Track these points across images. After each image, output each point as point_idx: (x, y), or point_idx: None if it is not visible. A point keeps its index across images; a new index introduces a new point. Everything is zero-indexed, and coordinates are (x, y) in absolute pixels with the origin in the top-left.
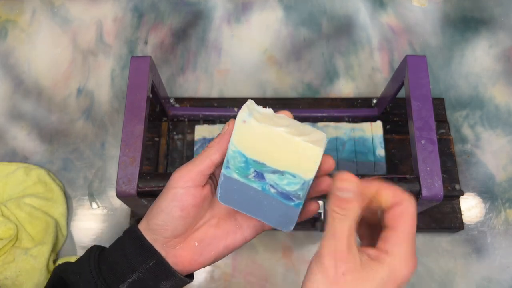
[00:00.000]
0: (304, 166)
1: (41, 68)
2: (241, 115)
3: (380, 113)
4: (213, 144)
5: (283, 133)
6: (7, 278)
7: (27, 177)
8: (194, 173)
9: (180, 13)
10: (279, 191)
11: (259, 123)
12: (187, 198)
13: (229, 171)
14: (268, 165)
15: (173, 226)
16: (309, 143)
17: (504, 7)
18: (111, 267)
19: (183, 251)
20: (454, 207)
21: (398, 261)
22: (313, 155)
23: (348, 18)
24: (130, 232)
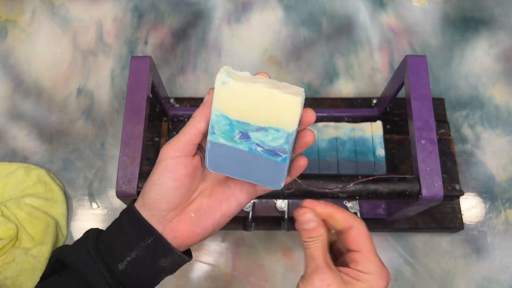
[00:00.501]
0: (286, 119)
1: (41, 68)
2: (219, 77)
3: (380, 113)
4: (197, 113)
5: (261, 88)
6: (7, 278)
7: (27, 177)
8: (182, 143)
9: (180, 13)
10: (265, 149)
11: (238, 82)
12: (179, 168)
13: (214, 136)
14: (252, 123)
15: (168, 197)
16: (287, 94)
17: (504, 7)
18: (109, 246)
19: (180, 224)
20: (454, 207)
21: (373, 277)
22: (293, 106)
23: (348, 18)
24: (127, 211)
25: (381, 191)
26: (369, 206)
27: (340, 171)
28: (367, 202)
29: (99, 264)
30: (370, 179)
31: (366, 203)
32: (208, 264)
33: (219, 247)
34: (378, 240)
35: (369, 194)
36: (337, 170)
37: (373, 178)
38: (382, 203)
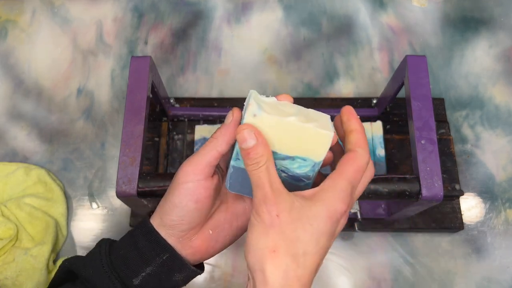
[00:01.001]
0: (315, 150)
1: (41, 68)
2: (250, 110)
3: (380, 113)
4: (219, 135)
5: (294, 122)
6: (7, 278)
7: (27, 177)
8: (203, 166)
9: (180, 13)
10: (290, 175)
11: (269, 115)
12: (200, 191)
13: (239, 162)
14: (279, 152)
15: (189, 219)
16: (320, 129)
17: (504, 7)
18: (123, 261)
19: (198, 241)
20: (454, 207)
21: (332, 197)
22: (324, 140)
23: (348, 18)
24: (142, 226)
25: (381, 191)
26: (369, 206)
27: None
28: (367, 202)
29: (113, 279)
30: None
31: (366, 203)
32: (208, 264)
33: None
34: (378, 240)
35: (369, 194)
36: None
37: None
38: (382, 203)
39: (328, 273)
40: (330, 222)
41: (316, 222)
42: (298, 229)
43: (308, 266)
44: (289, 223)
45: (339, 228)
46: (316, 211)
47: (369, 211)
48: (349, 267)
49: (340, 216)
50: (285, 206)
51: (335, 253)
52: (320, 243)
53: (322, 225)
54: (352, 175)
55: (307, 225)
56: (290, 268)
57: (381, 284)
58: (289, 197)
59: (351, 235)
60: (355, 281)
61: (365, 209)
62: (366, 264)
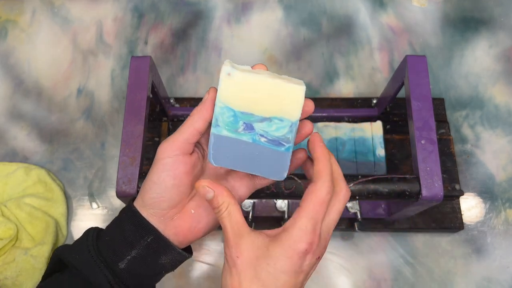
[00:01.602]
0: (290, 108)
1: (41, 68)
2: (224, 69)
3: (380, 113)
4: (195, 112)
5: (267, 78)
6: (7, 278)
7: (27, 177)
8: (180, 142)
9: (180, 13)
10: (269, 139)
11: (243, 73)
12: (178, 166)
13: (218, 129)
14: (256, 114)
15: (168, 196)
16: (292, 84)
17: (504, 7)
18: (109, 245)
19: (181, 221)
20: (454, 207)
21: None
22: (297, 95)
23: (348, 18)
24: (126, 210)
25: (381, 191)
26: (369, 206)
27: None
28: (367, 202)
29: (99, 263)
30: (370, 179)
31: (366, 203)
32: (208, 264)
33: (219, 247)
34: (378, 240)
35: (369, 194)
36: None
37: (373, 178)
38: (382, 203)
39: (328, 273)
40: (290, 261)
41: (273, 261)
42: (257, 268)
43: None
44: (248, 263)
45: (306, 263)
46: (274, 251)
47: (369, 211)
48: (349, 267)
49: (303, 254)
50: (245, 248)
51: (335, 253)
52: (280, 281)
53: (281, 264)
54: (313, 210)
55: (265, 265)
56: None
57: (381, 284)
58: (250, 238)
59: (351, 235)
60: (355, 281)
61: (365, 209)
62: (366, 264)
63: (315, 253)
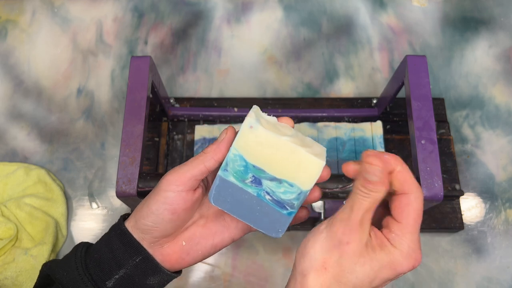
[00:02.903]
0: (304, 177)
1: (41, 68)
2: (248, 121)
3: (380, 113)
4: (209, 151)
5: (288, 142)
6: (7, 278)
7: (27, 177)
8: (187, 178)
9: (180, 13)
10: (274, 199)
11: (266, 130)
12: (178, 202)
13: (226, 173)
14: (268, 172)
15: (163, 227)
16: (312, 155)
17: (504, 7)
18: (98, 263)
19: (170, 250)
20: (454, 207)
21: (399, 253)
22: (315, 168)
23: (348, 18)
24: (117, 228)
25: None
26: None
27: (340, 171)
28: None
29: (87, 281)
30: None
31: None
32: (208, 264)
33: None
34: None
35: None
36: (337, 170)
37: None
38: None
39: None
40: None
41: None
42: (358, 264)
43: None
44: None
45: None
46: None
47: None
48: None
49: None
50: (360, 239)
51: None
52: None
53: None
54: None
55: (368, 266)
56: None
57: None
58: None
59: None
60: None
61: None
62: None
63: None
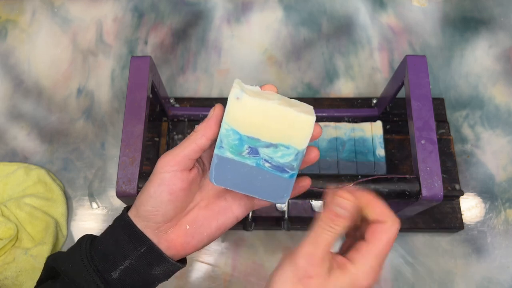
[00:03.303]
0: (297, 137)
1: (41, 68)
2: (234, 92)
3: (380, 113)
4: (199, 129)
5: (276, 105)
6: (7, 278)
7: (27, 177)
8: (180, 158)
9: (180, 13)
10: (274, 165)
11: (253, 98)
12: (175, 182)
13: (222, 150)
14: (262, 139)
15: (163, 210)
16: (302, 113)
17: (504, 7)
18: (103, 255)
19: (175, 235)
20: (454, 207)
21: (360, 272)
22: (306, 125)
23: (348, 18)
24: (121, 219)
25: (381, 191)
26: None
27: (340, 171)
28: None
29: (92, 273)
30: (370, 179)
31: None
32: (208, 264)
33: (219, 247)
34: None
35: None
36: (337, 170)
37: (373, 178)
38: None
39: None
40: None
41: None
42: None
43: None
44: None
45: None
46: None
47: None
48: None
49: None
50: (321, 272)
51: None
52: None
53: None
54: (383, 249)
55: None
56: None
57: (381, 284)
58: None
59: None
60: None
61: None
62: None
63: None
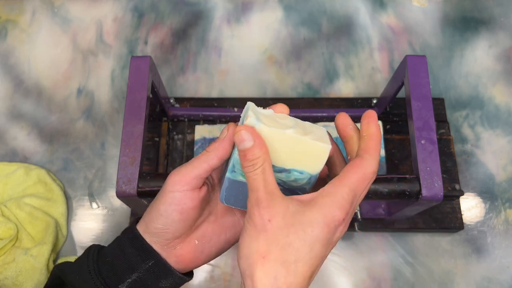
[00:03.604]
0: (312, 163)
1: (41, 68)
2: (249, 121)
3: (380, 113)
4: (212, 149)
5: (292, 134)
6: (7, 278)
7: (27, 177)
8: (191, 177)
9: (180, 13)
10: (286, 188)
11: (268, 128)
12: (186, 202)
13: (234, 174)
14: (276, 166)
15: (174, 229)
16: (318, 142)
17: (504, 7)
18: (110, 267)
19: (184, 251)
20: (454, 207)
21: (331, 203)
22: (322, 152)
23: (348, 18)
24: (129, 232)
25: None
26: (369, 206)
27: None
28: (367, 202)
29: (99, 285)
30: None
31: (366, 203)
32: (208, 264)
33: None
34: (378, 240)
35: (369, 194)
36: None
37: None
38: (382, 203)
39: (328, 273)
40: (326, 229)
41: (311, 228)
42: (290, 234)
43: (299, 273)
44: (281, 228)
45: (337, 236)
46: (311, 217)
47: (369, 211)
48: (349, 267)
49: (338, 224)
50: (279, 211)
51: (335, 253)
52: (314, 250)
53: (317, 231)
54: (356, 182)
55: (300, 231)
56: (280, 275)
57: (381, 284)
58: (284, 201)
59: (351, 235)
60: (355, 281)
61: (365, 209)
62: (366, 264)
63: (345, 226)
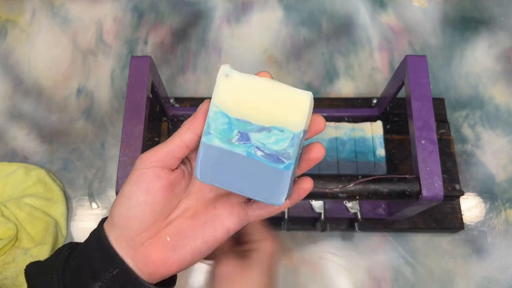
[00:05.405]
0: (293, 118)
1: (41, 68)
2: (222, 70)
3: (380, 113)
4: (185, 124)
5: (269, 81)
6: (7, 278)
7: (27, 177)
8: (162, 153)
9: (180, 13)
10: (266, 153)
11: (243, 74)
12: (152, 179)
13: (210, 137)
14: (254, 122)
15: (139, 214)
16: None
17: (504, 7)
18: (74, 273)
19: (153, 248)
20: (454, 207)
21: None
22: (302, 103)
23: (348, 18)
24: (95, 233)
25: (381, 191)
26: (369, 206)
27: (340, 171)
28: (367, 202)
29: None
30: (370, 179)
31: (366, 203)
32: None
33: None
34: (378, 240)
35: (369, 194)
36: (337, 170)
37: (373, 178)
38: (382, 203)
39: (328, 273)
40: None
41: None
42: None
43: None
44: None
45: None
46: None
47: (369, 211)
48: (349, 267)
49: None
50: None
51: (335, 253)
52: None
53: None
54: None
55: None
56: None
57: (381, 284)
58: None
59: (351, 235)
60: (355, 281)
61: (365, 209)
62: (366, 264)
63: None
